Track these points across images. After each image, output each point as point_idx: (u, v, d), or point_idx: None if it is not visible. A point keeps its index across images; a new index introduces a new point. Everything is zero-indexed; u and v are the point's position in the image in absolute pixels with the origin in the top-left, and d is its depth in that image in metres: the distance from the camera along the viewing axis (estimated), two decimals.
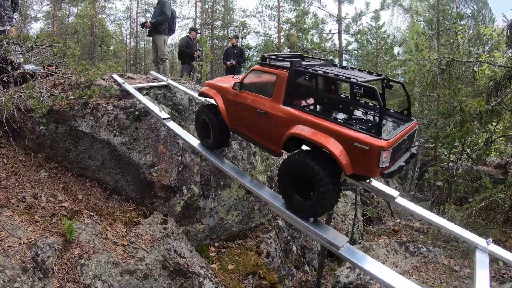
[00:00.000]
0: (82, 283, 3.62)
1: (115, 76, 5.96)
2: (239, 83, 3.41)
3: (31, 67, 5.99)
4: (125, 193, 5.13)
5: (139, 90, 5.53)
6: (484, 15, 24.26)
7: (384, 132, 2.51)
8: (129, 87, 5.46)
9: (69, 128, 5.08)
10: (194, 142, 4.18)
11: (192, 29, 10.54)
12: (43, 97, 5.03)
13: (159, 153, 5.09)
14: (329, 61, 3.51)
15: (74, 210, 4.44)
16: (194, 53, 9.81)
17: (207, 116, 3.82)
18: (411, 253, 6.71)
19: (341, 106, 3.15)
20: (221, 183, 5.90)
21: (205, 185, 5.68)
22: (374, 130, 2.38)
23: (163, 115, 4.57)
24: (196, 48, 9.94)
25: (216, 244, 5.92)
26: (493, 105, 7.04)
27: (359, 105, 3.24)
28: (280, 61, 3.26)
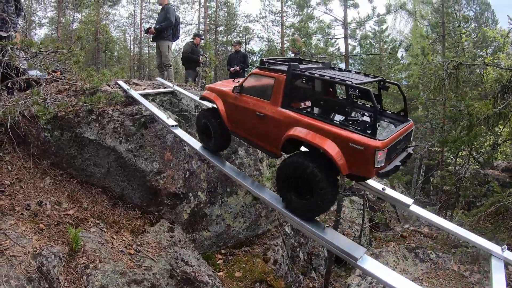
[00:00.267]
0: None
1: (121, 82, 5.92)
2: (238, 86, 3.46)
3: (35, 73, 5.95)
4: (131, 200, 5.06)
5: (145, 97, 5.48)
6: (486, 17, 24.16)
7: (380, 132, 2.56)
8: (135, 94, 5.41)
9: (74, 134, 5.03)
10: (202, 148, 4.16)
11: (196, 34, 10.57)
12: (48, 103, 4.99)
13: (165, 160, 5.03)
14: (326, 64, 3.56)
15: (79, 218, 4.38)
16: (199, 58, 9.80)
17: (208, 120, 3.87)
18: (421, 259, 6.62)
19: (338, 108, 3.23)
20: (228, 190, 5.82)
21: (211, 192, 5.61)
22: (369, 130, 2.42)
23: (170, 122, 4.52)
24: (200, 54, 9.94)
25: (223, 251, 5.84)
26: (500, 108, 6.96)
27: (357, 107, 3.31)
28: (278, 65, 3.31)
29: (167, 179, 4.99)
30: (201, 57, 10.01)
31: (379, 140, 2.36)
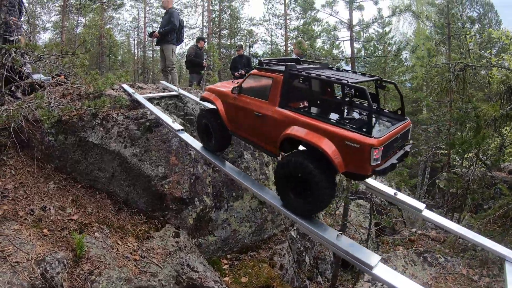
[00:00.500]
0: None
1: (125, 86, 5.88)
2: (237, 87, 3.53)
3: (39, 77, 5.92)
4: (136, 205, 4.99)
5: (150, 100, 5.43)
6: (490, 18, 24.05)
7: (376, 130, 2.58)
8: (140, 97, 5.36)
9: (78, 139, 4.98)
10: (207, 152, 4.16)
11: (200, 38, 10.56)
12: (52, 107, 4.95)
13: (171, 165, 4.96)
14: (324, 64, 3.61)
15: (83, 223, 4.31)
16: (204, 62, 9.78)
17: (208, 120, 3.94)
18: (429, 263, 6.54)
19: (335, 107, 3.28)
20: (234, 194, 5.75)
21: (217, 196, 5.54)
22: (365, 128, 2.45)
23: (176, 126, 4.50)
24: (204, 57, 9.91)
25: (229, 256, 5.76)
26: (507, 109, 6.90)
27: (355, 106, 3.34)
28: (276, 65, 3.36)
29: (172, 184, 4.92)
30: (205, 60, 9.98)
31: (374, 138, 2.39)
